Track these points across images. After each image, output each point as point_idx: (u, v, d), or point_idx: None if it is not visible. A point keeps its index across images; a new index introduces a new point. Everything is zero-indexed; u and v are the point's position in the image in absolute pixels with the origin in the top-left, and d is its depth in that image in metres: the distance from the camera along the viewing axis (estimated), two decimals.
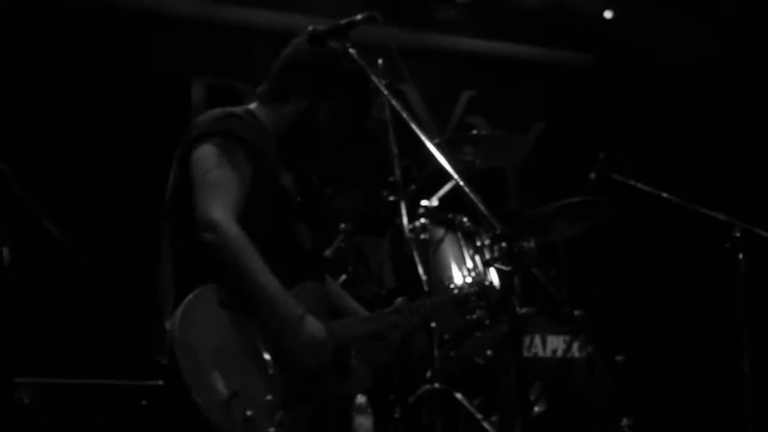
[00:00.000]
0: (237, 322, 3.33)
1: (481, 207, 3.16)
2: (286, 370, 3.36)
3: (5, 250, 3.11)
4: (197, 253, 3.40)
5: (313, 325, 3.39)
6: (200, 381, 3.18)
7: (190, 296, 3.28)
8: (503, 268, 3.49)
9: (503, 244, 3.19)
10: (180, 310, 3.25)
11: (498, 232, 3.09)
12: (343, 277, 5.16)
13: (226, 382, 3.21)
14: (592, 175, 5.70)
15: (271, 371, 3.33)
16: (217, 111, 3.62)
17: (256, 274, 3.34)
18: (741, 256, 5.31)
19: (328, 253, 5.36)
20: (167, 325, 3.27)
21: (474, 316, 4.86)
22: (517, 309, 4.72)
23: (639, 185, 5.68)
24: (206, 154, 3.48)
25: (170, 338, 3.22)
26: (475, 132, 5.55)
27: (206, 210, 3.37)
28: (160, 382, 3.41)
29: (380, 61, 4.66)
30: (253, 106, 3.74)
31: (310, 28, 3.61)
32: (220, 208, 3.36)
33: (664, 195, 5.66)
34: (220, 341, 3.28)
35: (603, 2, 7.75)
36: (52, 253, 3.33)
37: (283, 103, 3.70)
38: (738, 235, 5.34)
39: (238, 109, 3.65)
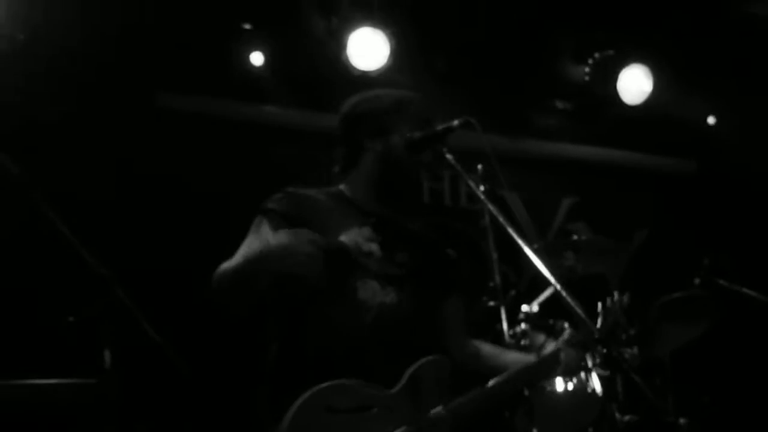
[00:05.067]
0: (349, 425, 3.28)
1: (580, 312, 3.14)
2: None
3: (107, 353, 3.17)
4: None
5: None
6: None
7: (298, 403, 3.24)
8: (601, 372, 3.43)
9: (603, 350, 3.16)
10: (286, 423, 3.22)
11: (596, 337, 3.07)
12: None
13: None
14: (697, 281, 5.63)
15: None
16: None
17: (244, 264, 3.36)
18: None
19: None
20: None
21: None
22: (617, 416, 4.64)
23: (745, 290, 5.58)
24: None
25: None
26: (575, 238, 5.51)
27: None
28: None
29: (480, 167, 4.69)
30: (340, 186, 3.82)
31: (408, 134, 3.67)
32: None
33: None
34: None
35: (705, 109, 7.71)
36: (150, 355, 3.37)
37: (361, 160, 3.75)
38: None
39: (287, 189, 3.70)
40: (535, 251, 3.33)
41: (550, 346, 3.71)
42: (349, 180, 3.79)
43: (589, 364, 4.89)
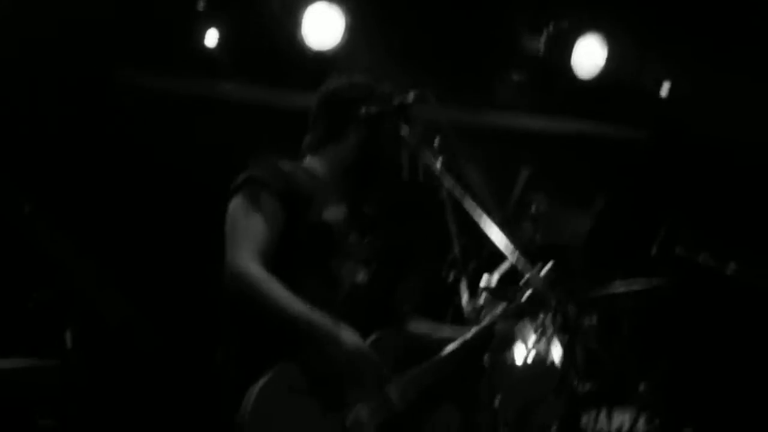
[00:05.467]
0: (310, 406, 3.32)
1: (537, 283, 3.17)
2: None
3: (69, 334, 3.17)
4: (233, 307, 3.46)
5: (352, 335, 3.38)
6: None
7: (260, 384, 3.26)
8: (558, 341, 3.46)
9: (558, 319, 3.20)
10: (250, 404, 3.24)
11: (552, 305, 3.10)
12: None
13: None
14: (654, 250, 5.66)
15: None
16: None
17: (286, 306, 3.33)
18: None
19: None
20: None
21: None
22: (576, 384, 4.68)
23: (703, 258, 5.61)
24: (234, 206, 3.51)
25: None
26: (533, 209, 5.53)
27: (231, 260, 3.37)
28: None
29: (437, 139, 4.69)
30: (306, 159, 3.79)
31: (363, 110, 3.67)
32: (245, 256, 3.36)
33: (732, 267, 5.56)
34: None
35: (660, 75, 7.73)
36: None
37: (340, 140, 3.74)
38: None
39: (268, 161, 3.66)
40: (494, 223, 3.36)
41: (485, 320, 3.74)
42: (318, 155, 3.77)
43: (548, 333, 4.95)
